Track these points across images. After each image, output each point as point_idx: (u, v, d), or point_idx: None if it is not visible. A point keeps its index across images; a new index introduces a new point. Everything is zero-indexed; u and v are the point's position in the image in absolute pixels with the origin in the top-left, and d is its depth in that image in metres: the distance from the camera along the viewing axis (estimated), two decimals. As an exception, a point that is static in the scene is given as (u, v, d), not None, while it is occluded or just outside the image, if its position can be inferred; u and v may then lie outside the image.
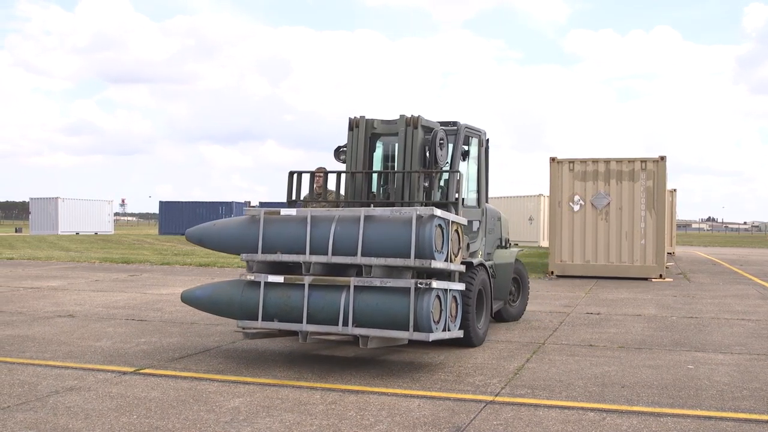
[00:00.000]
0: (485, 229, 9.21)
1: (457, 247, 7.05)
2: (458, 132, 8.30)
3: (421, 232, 6.46)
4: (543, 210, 35.12)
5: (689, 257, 29.14)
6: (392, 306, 6.47)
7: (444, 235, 6.69)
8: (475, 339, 7.86)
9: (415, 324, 6.37)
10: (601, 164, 17.50)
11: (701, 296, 13.77)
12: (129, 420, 5.10)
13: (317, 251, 6.84)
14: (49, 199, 53.16)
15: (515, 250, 10.26)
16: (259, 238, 7.06)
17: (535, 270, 19.54)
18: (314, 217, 6.97)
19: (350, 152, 7.99)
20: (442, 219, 6.65)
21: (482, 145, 9.02)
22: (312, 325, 6.72)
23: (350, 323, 6.55)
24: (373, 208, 6.94)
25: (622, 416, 5.34)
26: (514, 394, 5.96)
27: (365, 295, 6.60)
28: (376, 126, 7.98)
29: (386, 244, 6.60)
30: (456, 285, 6.94)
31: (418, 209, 6.59)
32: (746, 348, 8.17)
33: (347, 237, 6.73)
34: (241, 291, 7.11)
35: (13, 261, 22.33)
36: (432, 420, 5.17)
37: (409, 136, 7.73)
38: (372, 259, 6.58)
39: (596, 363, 7.26)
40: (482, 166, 9.06)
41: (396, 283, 6.47)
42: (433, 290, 6.43)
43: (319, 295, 6.75)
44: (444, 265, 6.64)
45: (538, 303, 12.41)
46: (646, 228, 17.17)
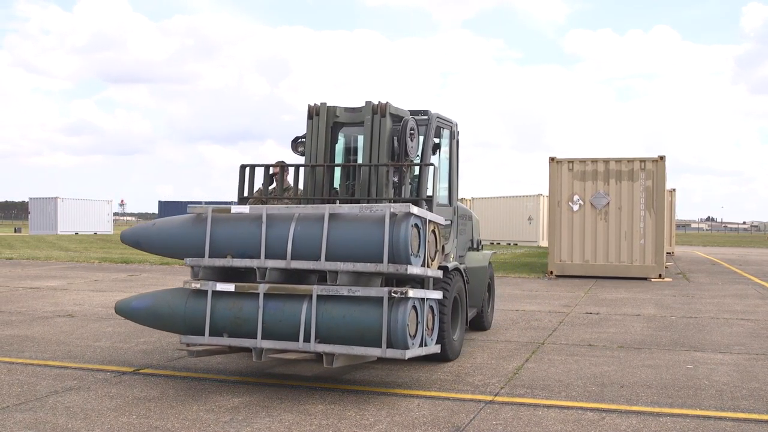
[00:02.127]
0: (456, 229, 8.39)
1: (434, 250, 6.28)
2: (430, 122, 7.48)
3: (395, 233, 5.69)
4: (542, 210, 35.14)
5: (688, 257, 29.15)
6: (362, 318, 5.67)
7: (421, 237, 5.92)
8: (451, 352, 7.11)
9: (389, 339, 5.59)
10: (601, 164, 17.51)
11: (700, 296, 13.77)
12: (128, 420, 5.09)
13: (274, 255, 5.99)
14: (48, 199, 53.14)
15: (488, 252, 9.59)
16: (206, 239, 6.18)
17: (535, 270, 19.55)
18: (271, 216, 6.12)
19: (310, 143, 7.10)
20: (419, 218, 5.89)
21: (454, 137, 8.28)
22: (268, 341, 5.86)
23: (312, 339, 5.71)
24: (339, 205, 6.05)
25: (622, 416, 5.35)
26: (513, 394, 5.97)
27: (330, 306, 5.76)
28: (339, 114, 7.13)
29: (355, 246, 5.80)
30: (433, 293, 6.13)
31: (392, 206, 5.75)
32: (745, 348, 8.17)
33: (309, 238, 5.90)
34: (185, 301, 6.21)
35: (13, 261, 22.32)
36: (431, 420, 5.17)
37: (375, 126, 6.86)
38: (338, 264, 5.74)
39: (595, 363, 7.26)
40: (454, 160, 8.30)
41: (366, 291, 5.68)
42: (410, 300, 5.67)
43: (276, 305, 5.90)
44: (421, 270, 5.87)
45: (537, 303, 12.42)
46: (645, 228, 17.17)
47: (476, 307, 8.70)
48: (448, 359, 7.09)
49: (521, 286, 15.45)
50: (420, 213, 5.89)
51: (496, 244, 37.15)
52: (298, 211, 6.13)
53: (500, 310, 11.40)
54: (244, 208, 6.27)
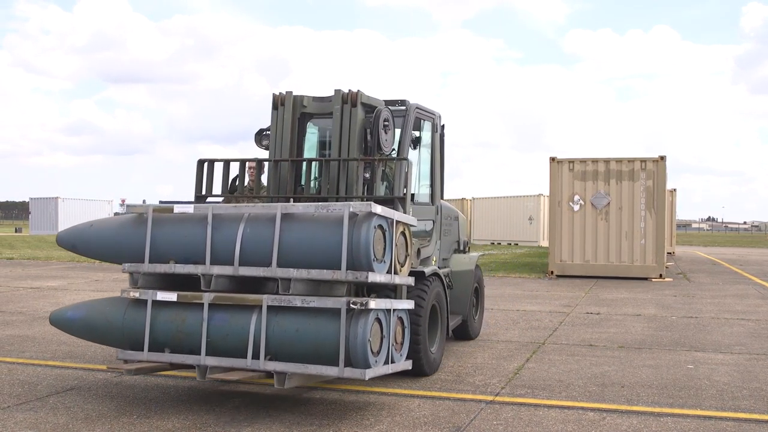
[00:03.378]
0: (440, 230, 7.75)
1: (404, 254, 5.68)
2: (408, 113, 6.84)
3: (355, 235, 5.08)
4: (543, 210, 35.13)
5: (689, 257, 29.14)
6: (317, 333, 5.08)
7: (386, 239, 5.31)
8: (428, 367, 6.45)
9: (348, 357, 4.98)
10: (601, 164, 17.50)
11: (701, 296, 13.77)
12: (129, 420, 5.10)
13: (221, 260, 5.39)
14: (48, 199, 53.16)
15: (475, 255, 8.79)
16: (147, 242, 5.57)
17: (535, 270, 19.55)
18: (217, 216, 5.52)
19: (274, 136, 6.50)
20: (384, 218, 5.29)
21: (436, 130, 7.62)
22: (213, 358, 5.23)
23: (262, 355, 5.10)
24: (292, 204, 5.41)
25: (622, 416, 5.35)
26: (513, 394, 5.97)
27: (282, 319, 5.16)
28: (307, 104, 6.53)
29: (310, 250, 5.21)
30: (402, 303, 5.56)
31: (351, 205, 5.13)
32: (746, 348, 8.17)
33: (260, 241, 5.32)
34: (123, 312, 5.61)
35: (13, 261, 22.34)
36: (432, 420, 5.17)
37: (346, 116, 6.26)
38: (291, 271, 5.13)
39: (596, 363, 7.26)
40: (437, 155, 7.65)
41: (322, 302, 5.05)
42: (371, 312, 5.06)
43: (222, 318, 5.31)
44: (386, 277, 5.27)
45: (538, 303, 12.42)
46: (645, 228, 17.17)
47: (461, 315, 8.02)
48: (425, 374, 6.42)
49: (522, 286, 15.46)
50: (385, 213, 5.26)
51: (496, 244, 37.15)
52: (247, 210, 5.53)
53: (501, 310, 11.41)
54: (188, 208, 5.66)
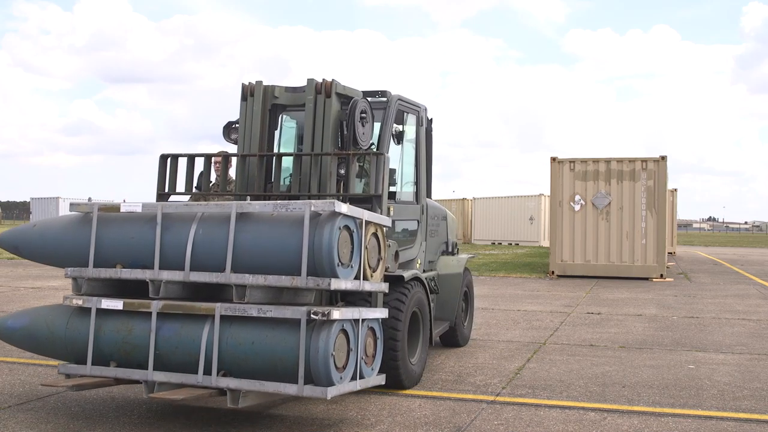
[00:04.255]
0: (425, 231, 7.30)
1: (376, 257, 5.19)
2: (389, 105, 6.42)
3: (317, 238, 4.61)
4: (544, 210, 35.13)
5: (690, 257, 29.14)
6: (275, 346, 4.63)
7: (354, 242, 4.83)
8: (407, 379, 5.96)
9: (308, 373, 4.53)
10: (602, 164, 17.50)
11: (702, 296, 13.77)
12: (130, 420, 5.10)
13: (171, 264, 4.94)
14: (49, 199, 53.19)
15: (464, 256, 8.31)
16: (91, 244, 5.11)
17: (536, 270, 19.54)
18: (168, 216, 5.07)
19: (243, 129, 6.06)
20: (351, 218, 4.81)
21: (421, 124, 7.16)
22: (161, 373, 4.79)
23: (214, 371, 4.67)
24: (249, 203, 4.92)
25: (623, 416, 5.34)
26: (514, 394, 5.96)
27: (237, 330, 4.73)
28: (279, 95, 6.10)
29: (268, 254, 4.76)
30: (373, 312, 5.11)
31: (313, 203, 4.66)
32: (747, 348, 8.17)
33: (213, 244, 4.87)
34: (66, 321, 5.17)
35: (14, 261, 22.34)
36: (433, 420, 5.17)
37: (319, 108, 5.83)
38: (246, 277, 4.70)
39: (597, 363, 7.26)
40: (422, 151, 7.19)
41: (280, 312, 4.60)
42: (335, 323, 4.60)
43: (172, 328, 4.87)
44: (353, 284, 4.81)
45: (539, 303, 12.42)
46: (646, 228, 17.17)
47: (448, 321, 7.58)
48: (403, 387, 5.94)
49: (523, 286, 15.45)
50: (352, 212, 4.80)
51: (497, 244, 37.16)
52: (200, 210, 5.07)
53: (502, 310, 11.41)
54: (136, 206, 5.17)
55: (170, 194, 6.01)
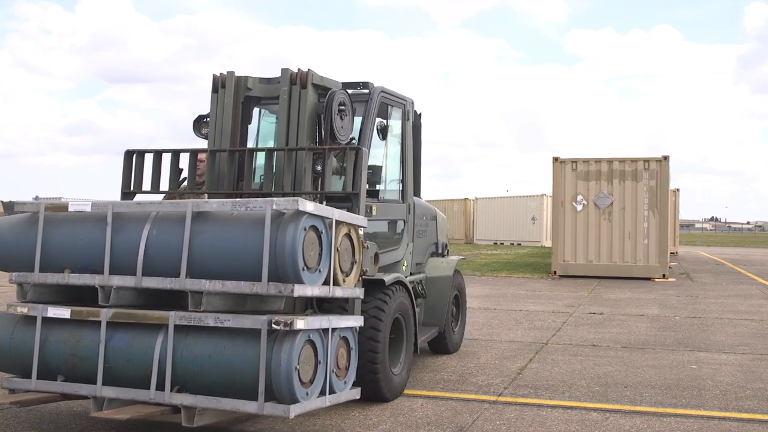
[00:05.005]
0: (412, 231, 6.89)
1: (349, 261, 4.84)
2: (371, 98, 6.08)
3: (279, 239, 4.23)
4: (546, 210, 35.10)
5: (692, 257, 29.11)
6: (234, 359, 4.27)
7: (322, 244, 4.47)
8: (388, 391, 5.56)
9: (270, 389, 4.18)
10: (604, 164, 17.50)
11: (704, 296, 13.75)
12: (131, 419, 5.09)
13: (123, 269, 4.55)
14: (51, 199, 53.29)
15: (454, 258, 7.90)
16: (37, 247, 4.70)
17: (538, 270, 19.54)
18: (119, 216, 4.68)
19: (214, 123, 5.68)
20: (319, 218, 4.44)
21: (408, 118, 6.78)
22: (111, 388, 4.42)
23: (167, 387, 4.30)
24: (206, 201, 4.62)
25: (625, 416, 5.34)
26: (516, 394, 5.96)
27: (193, 341, 4.36)
28: (252, 86, 5.73)
29: (227, 257, 4.38)
30: (345, 320, 4.78)
31: (275, 201, 4.29)
32: (750, 348, 8.16)
33: (168, 246, 4.48)
34: (11, 331, 4.76)
35: None
36: (435, 420, 5.17)
37: (294, 100, 5.48)
38: (203, 283, 4.31)
39: (599, 363, 7.25)
40: (408, 147, 6.79)
41: (238, 321, 4.24)
42: (300, 333, 4.23)
43: (123, 339, 4.49)
44: (321, 290, 4.45)
45: (541, 303, 12.41)
46: (648, 228, 17.16)
47: (437, 326, 7.17)
48: (384, 399, 5.56)
49: (525, 286, 15.45)
50: (320, 211, 4.44)
51: (499, 244, 37.14)
52: (154, 209, 4.70)
53: (504, 310, 11.41)
54: (85, 206, 4.76)
55: (136, 193, 5.63)
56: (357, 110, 5.93)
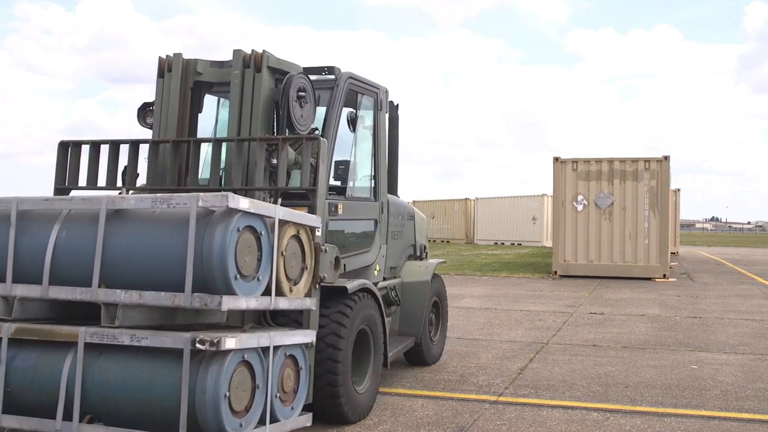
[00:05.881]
0: (386, 232, 6.31)
1: (298, 266, 4.26)
2: (337, 84, 5.52)
3: (206, 242, 3.62)
4: (546, 210, 35.09)
5: (693, 257, 29.10)
6: (152, 384, 3.67)
7: (262, 247, 3.89)
8: (351, 412, 4.96)
9: (193, 420, 3.57)
10: (605, 164, 17.49)
11: (705, 296, 13.75)
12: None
13: (27, 276, 3.96)
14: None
15: (433, 261, 7.27)
16: None
17: (539, 270, 19.53)
18: (25, 215, 4.09)
19: (159, 111, 5.12)
20: (257, 217, 3.87)
21: (381, 108, 6.18)
22: (11, 417, 3.85)
23: (76, 416, 3.71)
24: (123, 197, 3.98)
25: (626, 416, 5.34)
26: (517, 394, 5.96)
27: (106, 363, 3.76)
28: (202, 70, 5.17)
29: (146, 263, 3.78)
30: (292, 336, 4.17)
31: (201, 197, 3.66)
32: (750, 348, 8.15)
33: (80, 250, 3.88)
34: None
35: None
36: (435, 420, 5.17)
37: (248, 84, 4.93)
38: (117, 294, 3.73)
39: (600, 363, 7.25)
40: (382, 140, 6.19)
41: (157, 340, 3.63)
42: (231, 353, 3.60)
43: (27, 359, 3.91)
44: (259, 302, 3.86)
45: (541, 303, 12.41)
46: (649, 228, 17.15)
47: (413, 336, 6.57)
48: (348, 422, 4.97)
49: (525, 286, 15.45)
50: (259, 209, 3.86)
51: (500, 244, 37.14)
52: (65, 206, 4.08)
53: (504, 310, 11.41)
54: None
55: (71, 189, 5.03)
56: (322, 98, 5.45)
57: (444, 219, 41.67)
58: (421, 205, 44.10)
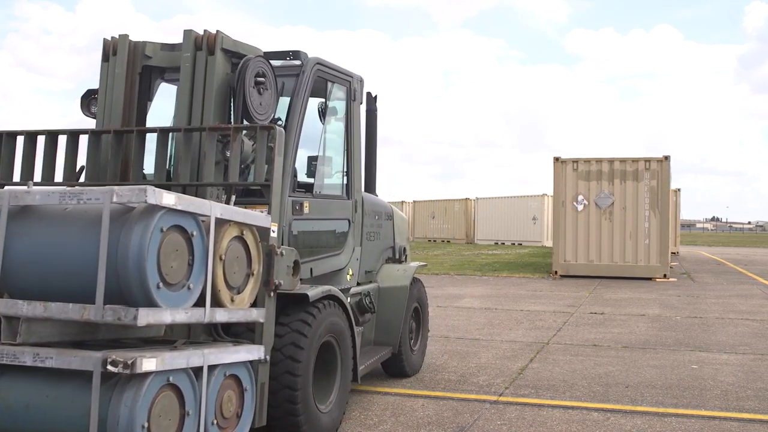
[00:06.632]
0: (361, 233, 5.85)
1: (243, 272, 3.77)
2: (303, 71, 5.02)
3: (122, 244, 3.09)
4: (546, 210, 35.09)
5: (693, 257, 29.09)
6: (58, 413, 3.16)
7: (194, 250, 3.37)
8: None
9: None
10: (605, 164, 17.50)
11: (705, 296, 13.75)
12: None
13: None
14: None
15: (413, 265, 6.79)
16: None
17: (539, 270, 19.53)
18: None
19: (103, 99, 4.67)
20: (189, 215, 3.34)
21: (355, 99, 5.69)
22: None
23: None
24: (27, 190, 3.41)
25: (626, 416, 5.34)
26: (517, 394, 5.96)
27: (7, 386, 3.26)
28: (152, 54, 4.70)
29: (54, 269, 3.27)
30: (234, 353, 3.65)
31: (116, 191, 3.09)
32: (751, 348, 8.15)
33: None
34: None
35: None
36: (436, 420, 5.17)
37: (200, 68, 4.48)
38: (19, 305, 3.20)
39: (600, 363, 7.25)
40: (356, 133, 5.71)
41: (64, 360, 3.09)
42: (151, 377, 3.06)
43: None
44: (189, 315, 3.31)
45: (542, 303, 12.41)
46: (649, 228, 17.16)
47: (390, 346, 6.13)
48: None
49: (525, 286, 15.45)
50: (189, 206, 3.32)
51: (500, 244, 37.14)
52: None
53: (505, 310, 11.41)
54: None
55: (4, 184, 4.46)
56: (286, 86, 5.12)
57: (444, 219, 41.69)
58: (422, 205, 44.14)
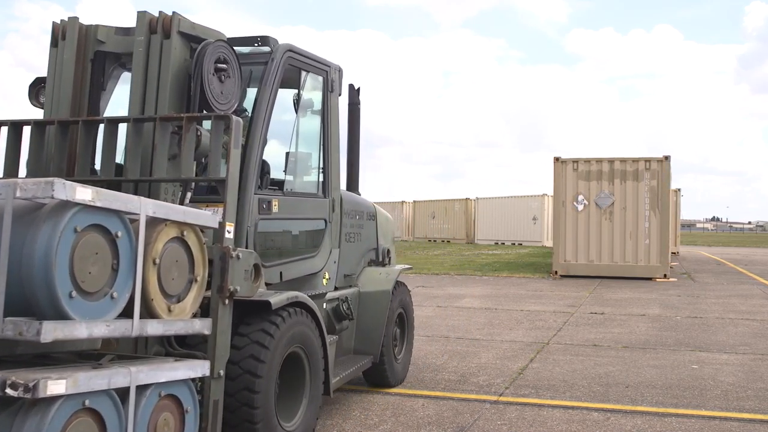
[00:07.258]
0: (339, 234, 5.50)
1: (184, 278, 3.38)
2: (273, 58, 4.64)
3: (27, 247, 2.67)
4: (547, 210, 35.09)
5: (693, 257, 29.09)
6: None
7: (119, 253, 2.95)
8: None
9: None
10: (605, 164, 17.50)
11: (705, 296, 13.75)
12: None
13: None
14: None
15: (397, 268, 6.42)
16: None
17: (539, 270, 19.53)
18: None
19: (51, 86, 4.31)
20: (113, 213, 2.92)
21: (332, 90, 5.30)
22: None
23: None
24: None
25: (626, 416, 5.34)
26: (517, 394, 5.97)
27: None
28: (105, 38, 4.32)
29: None
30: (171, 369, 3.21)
31: (20, 185, 2.66)
32: (751, 348, 8.15)
33: None
34: None
35: None
36: (436, 420, 5.17)
37: (154, 53, 4.12)
38: None
39: (600, 363, 7.25)
40: (333, 127, 5.32)
41: None
42: (61, 401, 2.62)
43: None
44: (111, 328, 2.88)
45: (542, 303, 12.41)
46: (649, 228, 17.16)
47: (371, 355, 5.74)
48: None
49: (526, 286, 15.45)
50: (109, 202, 2.87)
51: (500, 244, 37.15)
52: None
53: (505, 310, 11.41)
54: None
55: None
56: (254, 74, 4.81)
57: (444, 219, 41.69)
58: (422, 205, 44.15)
